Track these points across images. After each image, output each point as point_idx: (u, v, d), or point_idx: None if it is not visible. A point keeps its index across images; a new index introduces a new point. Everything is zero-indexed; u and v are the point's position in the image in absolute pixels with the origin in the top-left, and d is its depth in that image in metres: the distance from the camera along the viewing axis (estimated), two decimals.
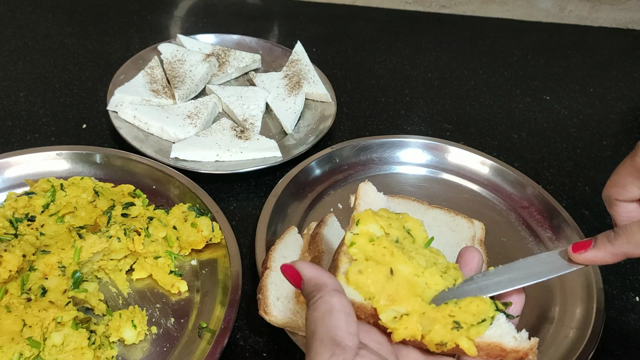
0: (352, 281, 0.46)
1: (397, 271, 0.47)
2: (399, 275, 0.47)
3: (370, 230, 0.50)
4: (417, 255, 0.50)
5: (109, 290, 0.73)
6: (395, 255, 0.48)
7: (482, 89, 1.22)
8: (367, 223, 0.50)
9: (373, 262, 0.47)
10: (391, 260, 0.48)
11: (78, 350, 0.62)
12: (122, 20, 1.27)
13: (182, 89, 1.02)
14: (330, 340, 0.40)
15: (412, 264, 0.48)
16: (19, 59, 1.12)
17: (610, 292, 0.82)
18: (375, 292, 0.46)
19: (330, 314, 0.42)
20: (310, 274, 0.45)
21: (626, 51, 1.42)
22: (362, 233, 0.49)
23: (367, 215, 0.50)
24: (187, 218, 0.78)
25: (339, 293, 0.43)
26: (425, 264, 0.49)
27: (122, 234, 0.72)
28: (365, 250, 0.48)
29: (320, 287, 0.44)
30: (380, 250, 0.48)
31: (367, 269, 0.47)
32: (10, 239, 0.70)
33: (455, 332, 0.46)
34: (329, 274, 0.45)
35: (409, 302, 0.46)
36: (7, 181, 0.83)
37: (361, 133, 1.05)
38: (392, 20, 1.41)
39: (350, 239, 0.49)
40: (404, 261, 0.48)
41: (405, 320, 0.46)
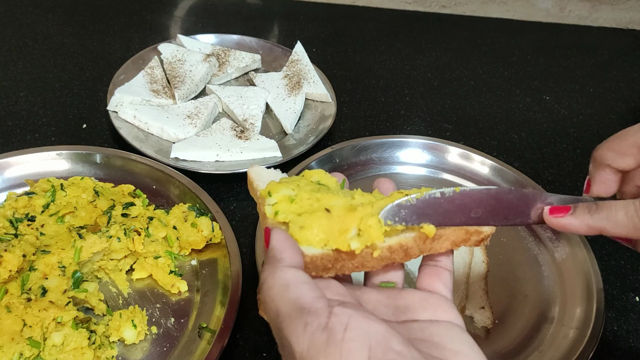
0: (300, 240, 0.44)
1: (333, 207, 0.45)
2: (336, 209, 0.45)
3: (285, 194, 0.47)
4: (338, 194, 0.48)
5: (109, 290, 0.73)
6: (321, 199, 0.46)
7: (482, 89, 1.22)
8: (278, 190, 0.47)
9: (306, 214, 0.45)
10: (320, 204, 0.46)
11: (78, 350, 0.62)
12: (122, 20, 1.27)
13: (182, 89, 1.02)
14: (297, 311, 0.37)
15: (339, 197, 0.46)
16: (19, 59, 1.12)
17: (610, 292, 0.82)
18: (326, 236, 0.44)
19: (288, 287, 0.39)
20: (274, 244, 0.42)
21: (626, 51, 1.42)
22: (279, 200, 0.46)
23: (274, 185, 0.48)
24: (187, 218, 0.78)
25: (292, 268, 0.40)
26: (350, 197, 0.48)
27: (122, 234, 0.72)
28: (291, 210, 0.46)
29: (276, 262, 0.41)
30: (305, 203, 0.46)
31: (306, 221, 0.44)
32: (11, 239, 0.70)
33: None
34: (293, 251, 0.42)
35: (358, 219, 0.44)
36: (7, 181, 0.83)
37: (361, 133, 1.05)
38: (392, 20, 1.41)
39: (272, 210, 0.46)
40: (332, 198, 0.46)
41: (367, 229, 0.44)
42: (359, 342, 0.35)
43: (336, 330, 0.35)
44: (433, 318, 0.44)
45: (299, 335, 0.36)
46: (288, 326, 0.37)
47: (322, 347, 0.35)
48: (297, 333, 0.36)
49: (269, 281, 0.40)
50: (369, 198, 0.47)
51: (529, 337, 0.74)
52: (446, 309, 0.45)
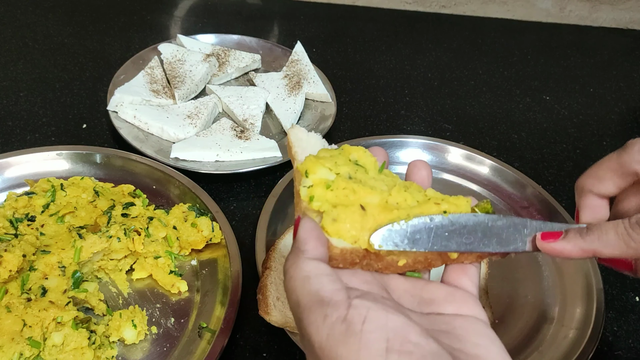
0: (332, 232, 0.44)
1: (367, 205, 0.45)
2: (371, 207, 0.45)
3: (322, 177, 0.46)
4: (376, 182, 0.48)
5: (109, 290, 0.73)
6: (358, 191, 0.46)
7: (482, 89, 1.22)
8: (315, 171, 0.46)
9: (341, 206, 0.45)
10: (356, 197, 0.46)
11: (78, 350, 0.62)
12: (122, 20, 1.27)
13: (182, 89, 1.02)
14: (317, 303, 0.37)
15: (376, 193, 0.46)
16: (19, 59, 1.12)
17: (610, 292, 0.82)
18: (357, 233, 0.44)
19: (309, 279, 0.39)
20: (301, 234, 0.42)
21: (626, 51, 1.42)
22: (315, 183, 0.46)
23: (312, 163, 0.47)
24: (187, 218, 0.78)
25: (314, 260, 0.40)
26: (387, 187, 0.47)
27: (122, 234, 0.72)
28: (327, 198, 0.45)
29: (299, 252, 0.41)
30: (341, 193, 0.46)
31: (340, 215, 0.44)
32: (11, 239, 0.70)
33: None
34: (318, 243, 0.42)
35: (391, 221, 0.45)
36: (7, 181, 0.83)
37: (361, 133, 1.05)
38: (392, 20, 1.41)
39: (307, 193, 0.45)
40: (368, 193, 0.46)
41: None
42: (377, 333, 0.35)
43: (355, 322, 0.36)
44: (458, 312, 0.44)
45: (319, 326, 0.37)
46: (308, 317, 0.37)
47: (341, 338, 0.36)
48: (317, 324, 0.37)
49: (291, 272, 0.40)
50: (404, 196, 0.46)
51: (529, 337, 0.74)
52: (471, 305, 0.45)
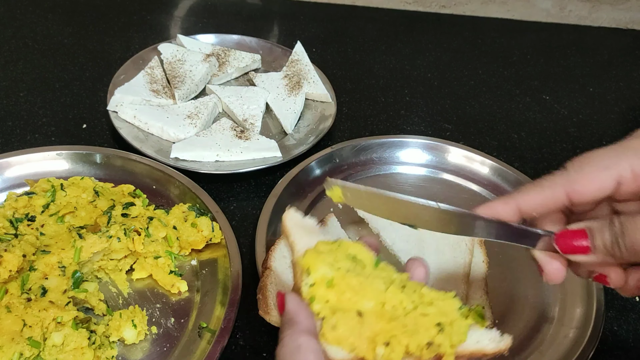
0: (331, 340, 0.46)
1: (364, 311, 0.47)
2: (367, 315, 0.47)
3: (323, 274, 0.48)
4: (373, 280, 0.49)
5: (109, 290, 0.73)
6: (356, 290, 0.48)
7: (482, 89, 1.22)
8: (317, 268, 0.48)
9: (340, 312, 0.47)
10: (354, 299, 0.48)
11: (78, 350, 0.62)
12: (122, 20, 1.27)
13: (182, 89, 1.02)
14: None
15: (372, 294, 0.48)
16: (19, 59, 1.12)
17: (610, 292, 0.82)
18: (355, 342, 0.46)
19: (298, 351, 0.42)
20: (289, 307, 0.46)
21: (626, 51, 1.42)
22: (317, 282, 0.48)
23: (314, 259, 0.49)
24: (187, 218, 0.78)
25: (308, 334, 0.44)
26: (384, 285, 0.49)
27: (122, 234, 0.72)
28: (327, 298, 0.48)
29: (292, 324, 0.44)
30: (341, 292, 0.48)
31: (339, 322, 0.46)
32: (11, 239, 0.70)
33: (441, 336, 0.46)
34: (307, 314, 0.45)
35: (388, 332, 0.46)
36: (7, 181, 0.83)
37: (361, 133, 1.05)
38: (392, 20, 1.41)
39: (309, 292, 0.48)
40: (365, 294, 0.48)
41: (393, 344, 0.46)
42: None
43: None
44: None
45: None
46: None
47: None
48: None
49: (285, 340, 0.43)
50: (400, 298, 0.48)
51: (529, 337, 0.74)
52: None
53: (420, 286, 0.50)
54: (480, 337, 0.48)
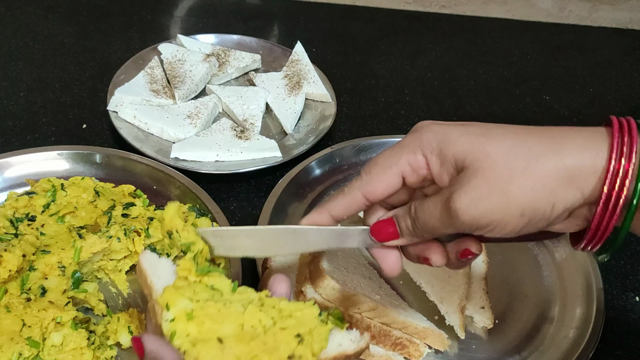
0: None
1: (224, 337, 0.47)
2: (227, 340, 0.47)
3: (182, 307, 0.48)
4: (231, 304, 0.49)
5: (109, 291, 0.73)
6: (215, 318, 0.48)
7: (482, 89, 1.22)
8: (176, 303, 0.49)
9: (201, 343, 0.47)
10: (213, 327, 0.48)
11: (77, 351, 0.62)
12: (122, 20, 1.27)
13: (182, 89, 1.02)
14: None
15: (231, 318, 0.48)
16: (19, 59, 1.12)
17: (610, 292, 0.82)
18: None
19: None
20: (150, 347, 0.46)
21: (626, 51, 1.42)
22: (177, 316, 0.48)
23: (172, 295, 0.49)
24: (188, 219, 0.78)
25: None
26: (242, 307, 0.49)
27: (122, 234, 0.72)
28: (187, 332, 0.47)
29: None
30: (200, 322, 0.48)
31: (200, 353, 0.46)
32: (11, 238, 0.70)
33: (301, 347, 0.47)
34: (169, 349, 0.46)
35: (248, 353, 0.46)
36: (7, 181, 0.83)
37: (361, 133, 1.05)
38: (392, 20, 1.41)
39: (169, 328, 0.47)
40: (223, 320, 0.48)
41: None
42: None
43: None
44: None
45: None
46: None
47: None
48: None
49: None
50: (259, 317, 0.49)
51: (529, 337, 0.74)
52: None
53: (278, 301, 0.50)
54: (342, 340, 0.50)
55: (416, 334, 0.69)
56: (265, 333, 0.48)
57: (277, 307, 0.50)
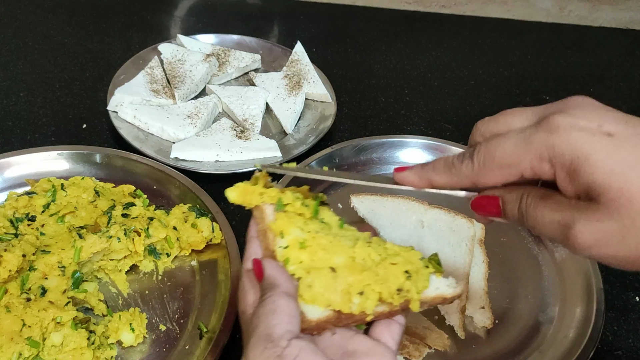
0: (307, 299, 0.49)
1: (337, 266, 0.50)
2: (340, 269, 0.50)
3: (296, 237, 0.52)
4: (340, 238, 0.52)
5: (108, 291, 0.73)
6: (327, 249, 0.51)
7: (482, 89, 1.22)
8: (289, 232, 0.52)
9: (314, 271, 0.50)
10: (326, 256, 0.50)
11: (77, 351, 0.62)
12: (122, 20, 1.27)
13: (182, 89, 1.02)
14: (266, 336, 0.44)
15: (342, 250, 0.51)
16: (19, 59, 1.12)
17: (610, 292, 0.82)
18: (331, 297, 0.48)
19: (274, 313, 0.45)
20: (269, 272, 0.49)
21: (626, 51, 1.41)
22: (290, 244, 0.51)
23: (285, 223, 0.52)
24: (188, 219, 0.78)
25: (287, 296, 0.47)
26: (351, 242, 0.52)
27: (122, 234, 0.72)
28: (300, 259, 0.50)
29: (273, 286, 0.47)
30: (313, 252, 0.51)
31: (314, 281, 0.49)
32: (11, 238, 0.70)
33: (409, 282, 0.50)
34: (287, 277, 0.49)
35: (361, 281, 0.49)
36: (7, 181, 0.83)
37: (361, 133, 1.04)
38: (392, 20, 1.41)
39: (283, 254, 0.51)
40: (335, 251, 0.51)
41: (367, 292, 0.49)
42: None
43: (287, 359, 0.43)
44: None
45: (257, 355, 0.44)
46: (253, 343, 0.45)
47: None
48: (256, 352, 0.44)
49: (266, 301, 0.47)
50: (368, 252, 0.51)
51: (529, 337, 0.74)
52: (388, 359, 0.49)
53: (383, 242, 0.54)
54: (439, 284, 0.53)
55: (416, 334, 0.69)
56: (377, 266, 0.50)
57: (383, 246, 0.53)
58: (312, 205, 0.55)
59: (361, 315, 0.49)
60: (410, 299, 0.50)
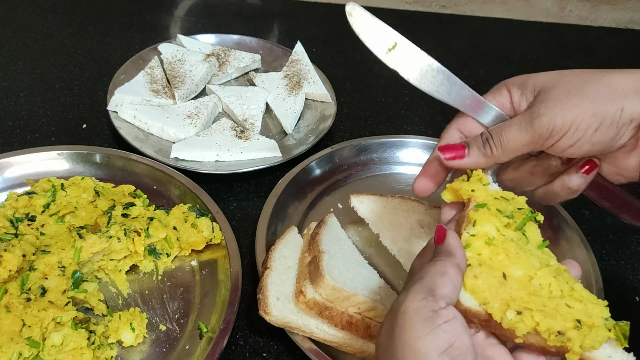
0: (468, 286, 0.48)
1: (510, 276, 0.49)
2: (512, 279, 0.49)
3: (486, 231, 0.51)
4: (530, 256, 0.51)
5: (109, 291, 0.73)
6: (510, 256, 0.50)
7: (482, 89, 1.22)
8: (483, 224, 0.52)
9: (487, 267, 0.49)
10: (505, 262, 0.49)
11: (77, 351, 0.62)
12: (122, 20, 1.27)
13: (182, 89, 1.02)
14: (429, 289, 0.45)
15: (524, 266, 0.49)
16: (19, 59, 1.12)
17: (610, 292, 0.82)
18: (489, 297, 0.47)
19: (443, 275, 0.46)
20: (450, 241, 0.50)
21: (626, 51, 1.42)
22: (478, 234, 0.51)
23: (484, 216, 0.52)
24: (188, 219, 0.78)
25: (458, 268, 0.47)
26: (539, 265, 0.50)
27: (122, 234, 0.72)
28: (480, 251, 0.50)
29: (449, 254, 0.48)
30: (495, 252, 0.50)
31: (482, 275, 0.48)
32: (11, 238, 0.70)
33: (574, 332, 0.46)
34: (464, 254, 0.49)
35: (525, 302, 0.47)
36: (7, 181, 0.83)
37: (361, 133, 1.05)
38: (392, 20, 1.40)
39: (466, 240, 0.51)
40: (517, 263, 0.49)
41: (525, 315, 0.47)
42: (447, 335, 0.43)
43: (440, 317, 0.43)
44: None
45: (415, 299, 0.44)
46: (417, 287, 0.45)
47: (421, 318, 0.43)
48: (416, 298, 0.45)
49: (438, 263, 0.47)
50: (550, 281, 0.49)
51: None
52: None
53: (574, 281, 0.51)
54: (614, 354, 0.48)
55: None
56: (549, 299, 0.48)
57: (571, 285, 0.50)
58: (521, 219, 0.54)
59: (510, 332, 0.47)
60: (569, 349, 0.46)
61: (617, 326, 0.49)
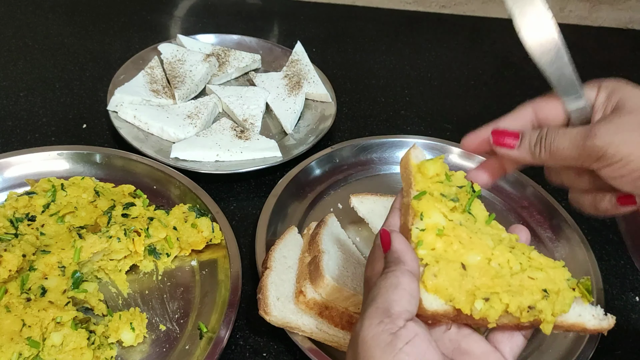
0: (430, 287, 0.46)
1: (469, 264, 0.47)
2: (472, 268, 0.47)
3: (436, 223, 0.49)
4: (482, 235, 0.49)
5: (109, 291, 0.73)
6: (464, 243, 0.48)
7: (482, 89, 1.22)
8: (430, 215, 0.49)
9: (444, 262, 0.47)
10: (460, 250, 0.48)
11: (77, 351, 0.62)
12: (122, 20, 1.27)
13: (182, 89, 1.02)
14: (384, 310, 0.42)
15: (480, 249, 0.48)
16: (19, 59, 1.12)
17: (610, 292, 0.82)
18: (454, 293, 0.46)
19: (396, 288, 0.43)
20: (396, 247, 0.47)
21: (626, 51, 1.42)
22: (428, 228, 0.49)
23: (428, 205, 0.49)
24: (188, 219, 0.78)
25: (411, 275, 0.45)
26: (492, 243, 0.49)
27: (122, 234, 0.72)
28: (433, 246, 0.48)
29: (398, 262, 0.45)
30: (449, 242, 0.48)
31: (441, 271, 0.46)
32: (11, 238, 0.70)
33: (544, 302, 0.46)
34: (413, 257, 0.46)
35: (490, 287, 0.46)
36: (7, 181, 0.83)
37: (361, 133, 1.05)
38: (392, 20, 1.41)
39: (417, 236, 0.48)
40: (472, 248, 0.48)
41: (493, 300, 0.46)
42: (412, 357, 0.40)
43: (400, 340, 0.41)
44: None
45: (371, 325, 0.42)
46: (371, 312, 0.43)
47: (381, 345, 0.41)
48: (372, 323, 0.42)
49: (389, 275, 0.45)
50: (507, 257, 0.48)
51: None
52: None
53: (529, 249, 0.50)
54: (583, 312, 0.48)
55: None
56: (512, 276, 0.47)
57: (527, 255, 0.49)
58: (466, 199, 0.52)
59: (482, 320, 0.46)
60: (542, 320, 0.46)
61: (580, 284, 0.49)
